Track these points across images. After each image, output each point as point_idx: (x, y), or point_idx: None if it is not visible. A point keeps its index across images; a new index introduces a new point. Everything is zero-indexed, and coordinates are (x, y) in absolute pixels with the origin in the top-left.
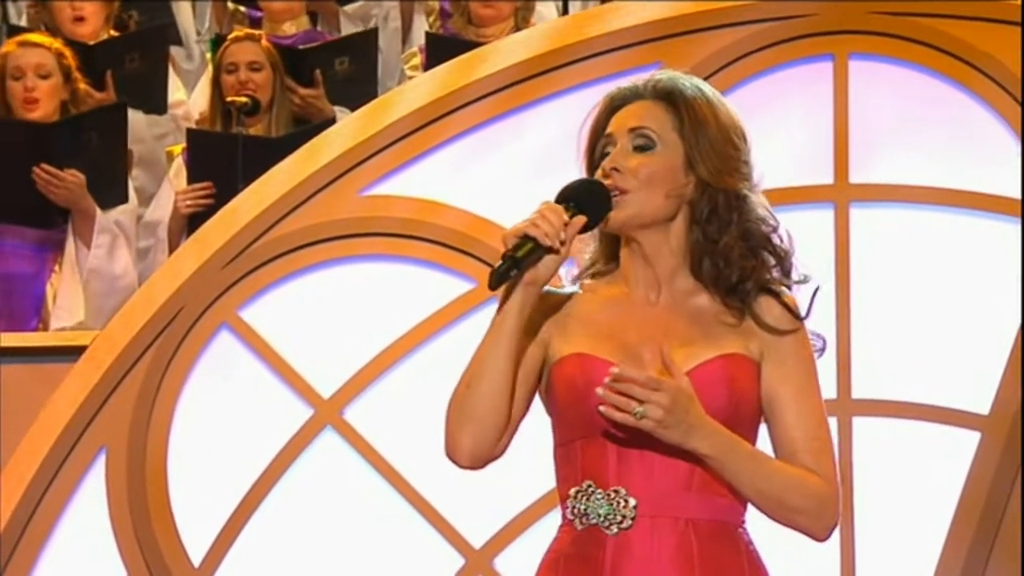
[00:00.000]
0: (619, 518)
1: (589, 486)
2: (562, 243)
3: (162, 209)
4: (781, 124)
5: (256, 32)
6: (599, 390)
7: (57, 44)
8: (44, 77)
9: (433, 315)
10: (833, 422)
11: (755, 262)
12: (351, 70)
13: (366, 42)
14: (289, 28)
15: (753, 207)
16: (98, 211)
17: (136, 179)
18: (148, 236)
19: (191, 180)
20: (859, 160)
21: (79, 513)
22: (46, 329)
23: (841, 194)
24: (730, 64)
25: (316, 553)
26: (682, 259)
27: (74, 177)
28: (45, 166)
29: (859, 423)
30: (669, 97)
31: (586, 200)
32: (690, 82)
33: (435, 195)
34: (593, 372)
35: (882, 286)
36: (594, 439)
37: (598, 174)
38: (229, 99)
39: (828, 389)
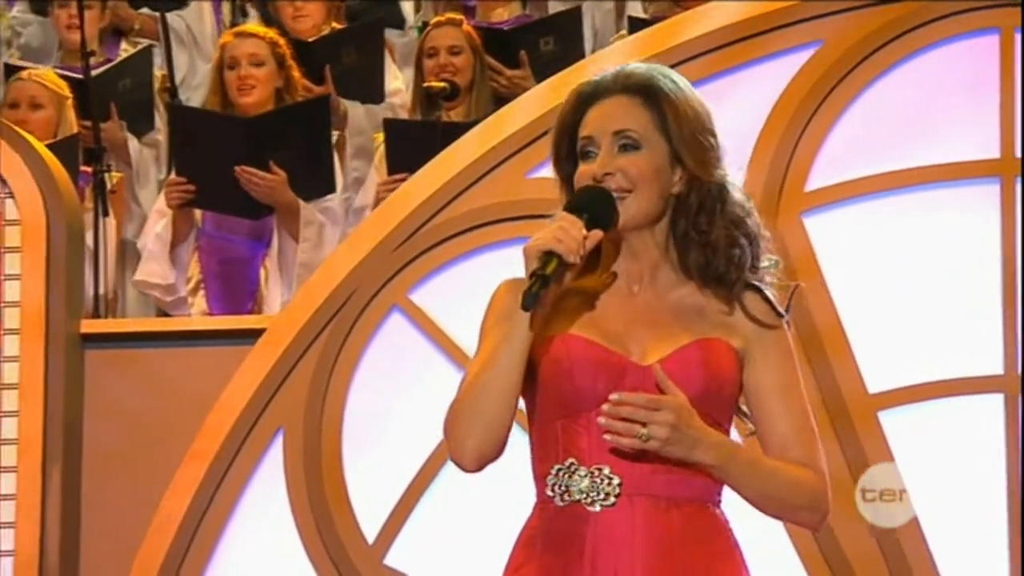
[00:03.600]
0: (602, 495)
1: (571, 464)
2: (580, 257)
3: (368, 195)
4: (946, 99)
5: (456, 16)
6: (601, 419)
7: (271, 34)
8: (258, 65)
9: None
10: (999, 399)
11: (739, 250)
12: (557, 50)
13: (571, 22)
14: (501, 13)
15: (732, 192)
16: (302, 204)
17: (356, 170)
18: (358, 223)
19: (390, 169)
20: None
21: (258, 491)
22: (260, 311)
23: (1007, 168)
24: (894, 40)
25: (487, 530)
26: (665, 252)
27: (275, 176)
28: (245, 167)
29: None
30: (646, 93)
31: (597, 209)
32: (664, 74)
33: None
34: (577, 352)
35: None
36: (575, 418)
37: (584, 177)
38: (426, 84)
39: (995, 365)
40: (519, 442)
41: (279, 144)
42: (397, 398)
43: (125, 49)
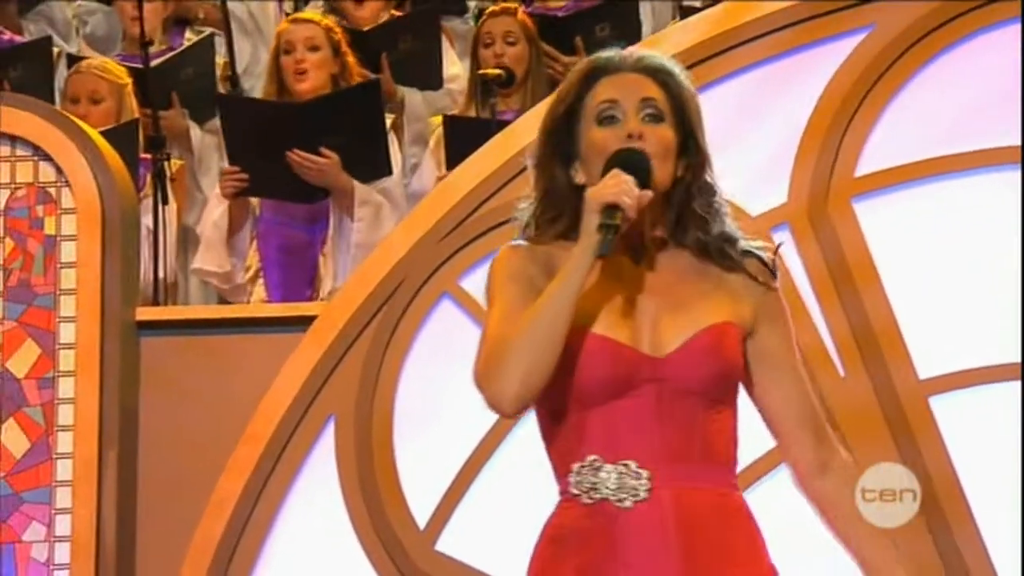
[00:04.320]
0: (632, 491)
1: (595, 460)
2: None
3: (425, 179)
4: (997, 83)
5: (512, 5)
6: None
7: (327, 20)
8: (313, 50)
9: None
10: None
11: (729, 232)
12: (611, 37)
13: (628, 9)
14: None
15: (719, 188)
16: (357, 185)
17: (415, 156)
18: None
19: (450, 164)
20: None
21: (311, 477)
22: (317, 297)
23: None
24: (946, 23)
25: (536, 515)
26: (664, 228)
27: (327, 158)
28: (296, 151)
29: None
30: (659, 76)
31: (640, 171)
32: (674, 64)
33: None
34: (591, 347)
35: None
36: (591, 412)
37: (613, 140)
38: (482, 72)
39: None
40: None
41: (331, 129)
42: (448, 385)
43: (188, 38)
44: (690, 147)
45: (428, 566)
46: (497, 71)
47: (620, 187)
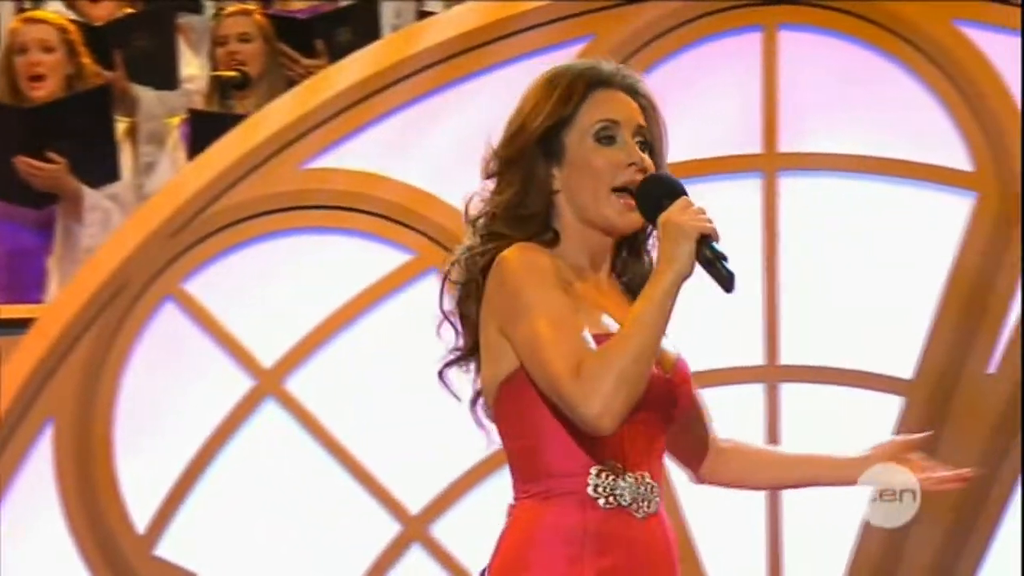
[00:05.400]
0: (646, 502)
1: (616, 466)
2: None
3: (161, 180)
4: (711, 95)
5: (249, 6)
6: None
7: (61, 20)
8: (47, 51)
9: (373, 285)
10: (760, 388)
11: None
12: (354, 40)
13: (368, 12)
14: (297, 3)
15: None
16: (86, 190)
17: (147, 155)
18: None
19: (192, 158)
20: (789, 131)
21: (28, 481)
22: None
23: (769, 163)
24: (661, 36)
25: (257, 519)
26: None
27: (54, 164)
28: (23, 158)
29: (786, 389)
30: (641, 101)
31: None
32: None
33: (375, 168)
34: None
35: (809, 254)
36: None
37: (620, 166)
38: (216, 73)
39: (755, 355)
40: (293, 432)
41: (61, 133)
42: (170, 389)
43: None
44: None
45: (146, 570)
46: (232, 72)
47: (705, 216)
